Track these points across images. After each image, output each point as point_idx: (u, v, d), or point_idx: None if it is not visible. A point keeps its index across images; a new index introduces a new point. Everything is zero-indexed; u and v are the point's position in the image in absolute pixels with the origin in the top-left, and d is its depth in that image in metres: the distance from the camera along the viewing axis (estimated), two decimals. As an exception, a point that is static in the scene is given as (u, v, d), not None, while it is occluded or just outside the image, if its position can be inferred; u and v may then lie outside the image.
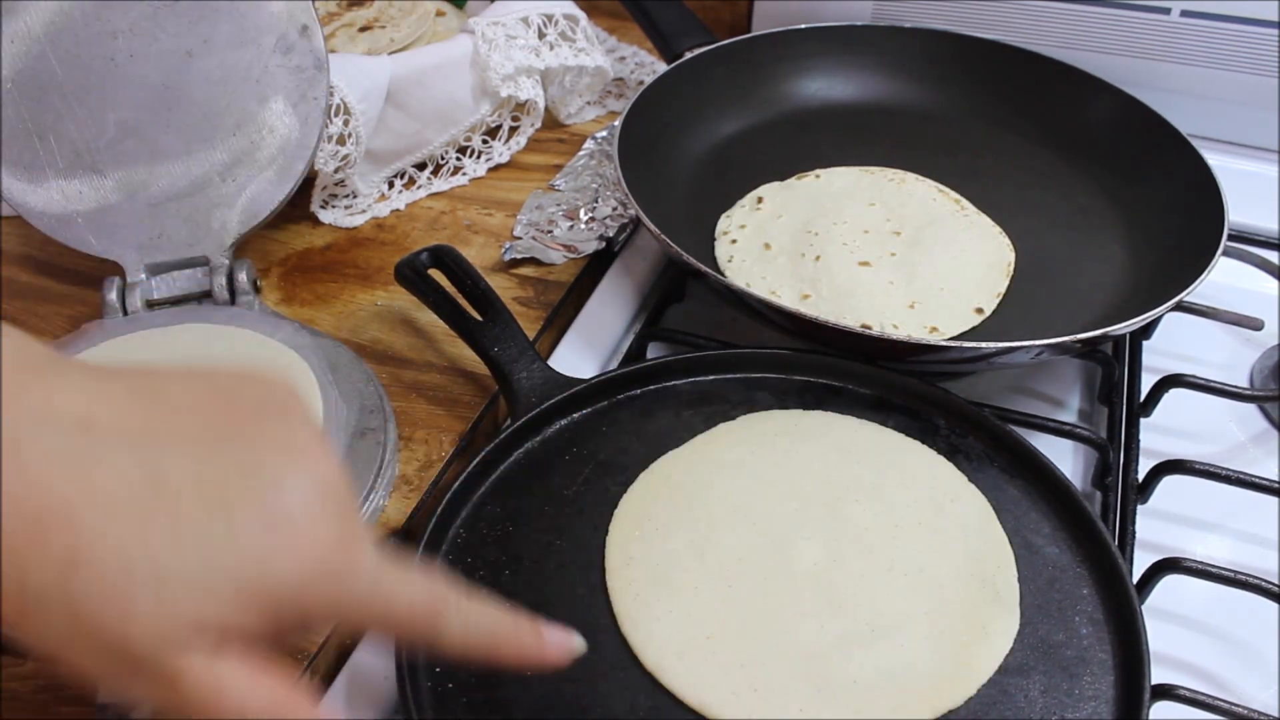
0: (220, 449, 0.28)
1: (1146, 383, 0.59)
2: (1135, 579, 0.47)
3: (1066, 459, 0.57)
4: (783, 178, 0.71)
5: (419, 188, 0.76)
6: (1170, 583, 0.48)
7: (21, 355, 0.27)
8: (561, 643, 0.35)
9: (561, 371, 0.55)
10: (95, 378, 0.28)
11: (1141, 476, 0.54)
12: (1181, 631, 0.49)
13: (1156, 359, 0.63)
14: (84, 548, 0.25)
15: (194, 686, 0.27)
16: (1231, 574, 0.47)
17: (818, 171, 0.71)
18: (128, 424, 0.27)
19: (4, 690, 0.45)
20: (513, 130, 0.79)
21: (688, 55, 0.76)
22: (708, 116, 0.75)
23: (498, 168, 0.78)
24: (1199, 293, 0.55)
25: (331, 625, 0.31)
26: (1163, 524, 0.53)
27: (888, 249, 0.63)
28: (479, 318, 0.57)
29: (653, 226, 0.59)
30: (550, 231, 0.70)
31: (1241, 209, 0.63)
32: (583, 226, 0.70)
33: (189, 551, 0.26)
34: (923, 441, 0.52)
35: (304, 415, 0.31)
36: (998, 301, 0.61)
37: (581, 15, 0.78)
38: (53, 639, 0.26)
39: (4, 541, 0.25)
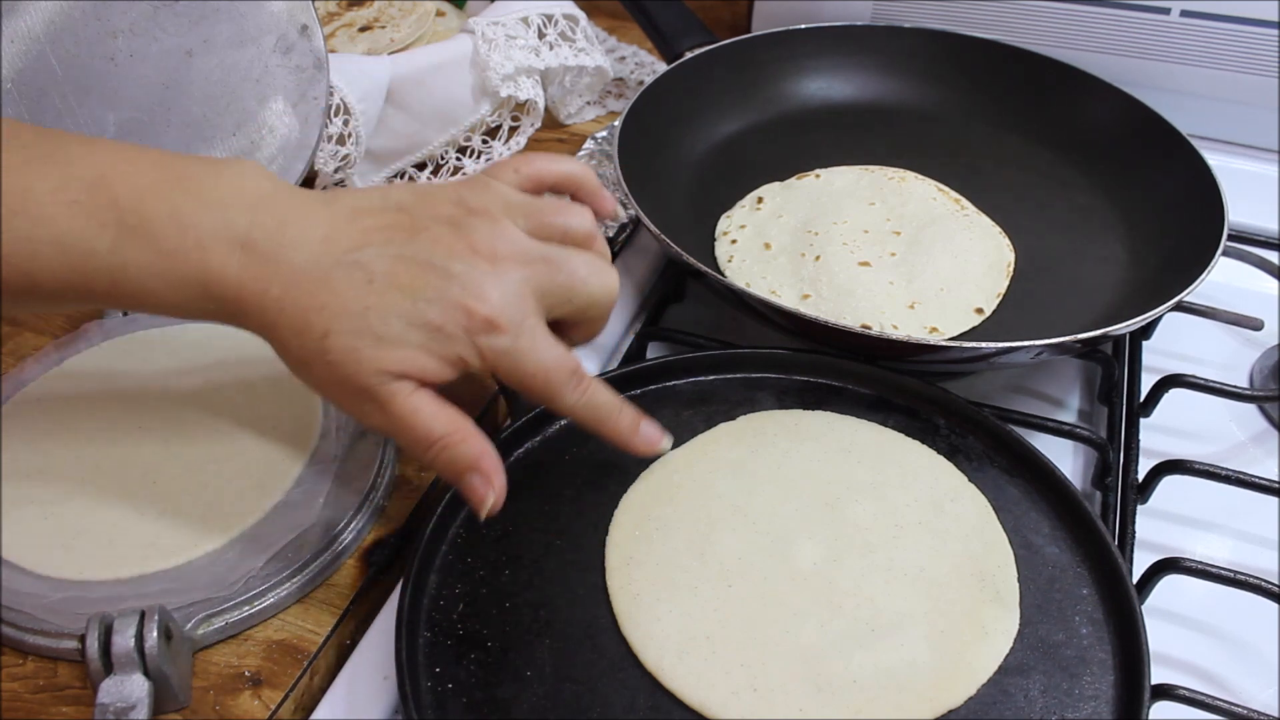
0: (409, 252, 0.39)
1: (1146, 383, 0.59)
2: (1135, 579, 0.47)
3: (1066, 459, 0.57)
4: (783, 178, 0.71)
5: (419, 188, 0.76)
6: (1170, 583, 0.48)
7: (281, 198, 0.40)
8: (650, 437, 0.45)
9: (561, 371, 0.55)
10: (328, 206, 0.41)
11: (1141, 476, 0.54)
12: (1181, 631, 0.49)
13: (1156, 359, 0.63)
14: (331, 326, 0.39)
15: (400, 407, 0.39)
16: (1231, 574, 0.47)
17: (818, 171, 0.71)
18: (348, 240, 0.39)
19: (4, 690, 0.45)
20: (513, 130, 0.79)
21: (688, 55, 0.76)
22: (708, 116, 0.75)
23: (498, 168, 0.78)
24: (1199, 293, 0.55)
25: (487, 371, 0.40)
26: (1163, 524, 0.53)
27: (888, 249, 0.63)
28: (479, 318, 0.57)
29: (653, 226, 0.59)
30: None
31: (1241, 209, 0.63)
32: (583, 226, 0.70)
33: (393, 324, 0.38)
34: (923, 441, 0.52)
35: (478, 216, 0.41)
36: (998, 301, 0.61)
37: (581, 15, 0.78)
38: (316, 380, 0.40)
39: (286, 323, 0.39)
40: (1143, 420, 0.58)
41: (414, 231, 0.40)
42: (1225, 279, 0.60)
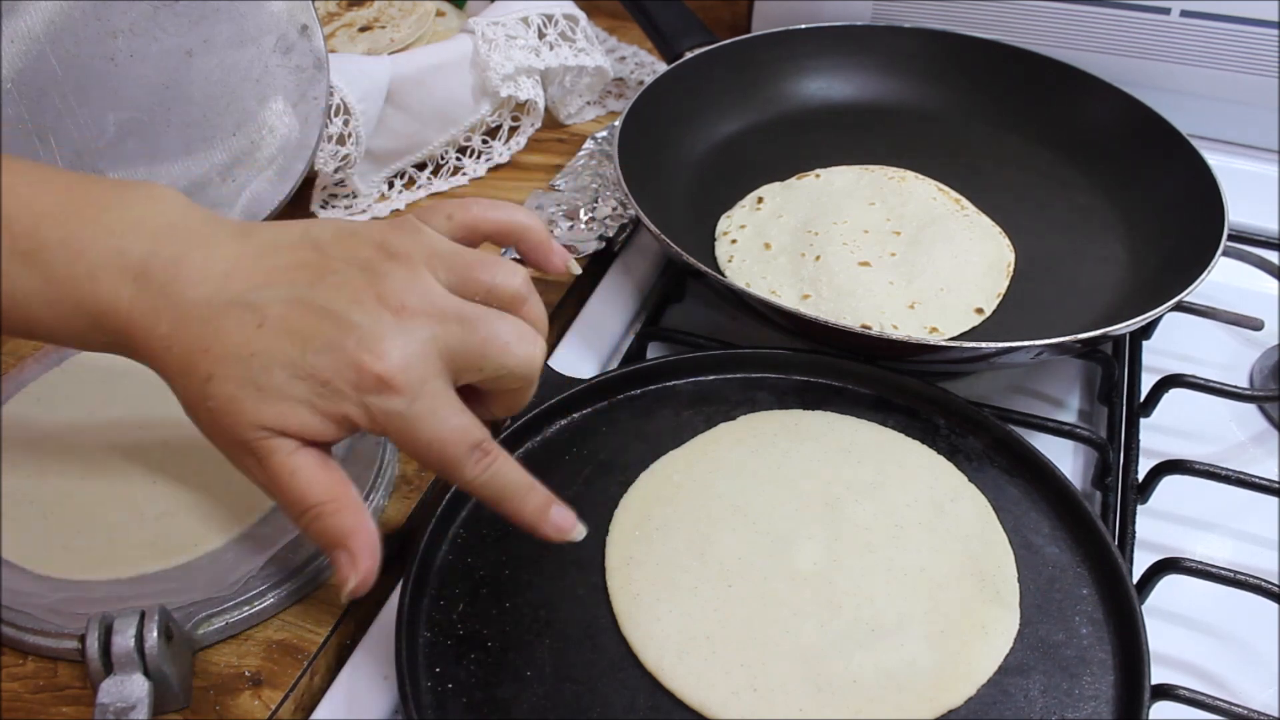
0: (309, 296, 0.37)
1: (1146, 383, 0.59)
2: (1135, 579, 0.47)
3: (1066, 459, 0.57)
4: (783, 178, 0.71)
5: (419, 188, 0.76)
6: (1170, 583, 0.48)
7: (191, 228, 0.39)
8: (560, 524, 0.40)
9: (561, 371, 0.55)
10: (240, 240, 0.39)
11: (1141, 476, 0.54)
12: (1181, 631, 0.49)
13: (1156, 359, 0.63)
14: (214, 370, 0.36)
15: (276, 467, 0.37)
16: (1231, 574, 0.46)
17: (818, 171, 0.71)
18: (249, 278, 0.37)
19: (4, 690, 0.45)
20: (513, 130, 0.79)
21: (688, 55, 0.76)
22: (708, 116, 0.75)
23: (498, 168, 0.78)
24: (1199, 293, 0.55)
25: (379, 432, 0.37)
26: (1163, 524, 0.53)
27: (888, 249, 0.63)
28: (479, 318, 0.57)
29: (653, 226, 0.59)
30: (550, 231, 0.70)
31: (1241, 209, 0.63)
32: (583, 226, 0.70)
33: (276, 375, 0.36)
34: (923, 441, 0.52)
35: (390, 264, 0.38)
36: (998, 301, 0.61)
37: (581, 15, 0.78)
38: (200, 425, 0.38)
39: (173, 362, 0.37)
40: (1143, 420, 0.58)
41: (321, 273, 0.37)
42: (1225, 279, 0.60)
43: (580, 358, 0.62)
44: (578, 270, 0.44)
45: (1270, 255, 0.64)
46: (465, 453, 0.37)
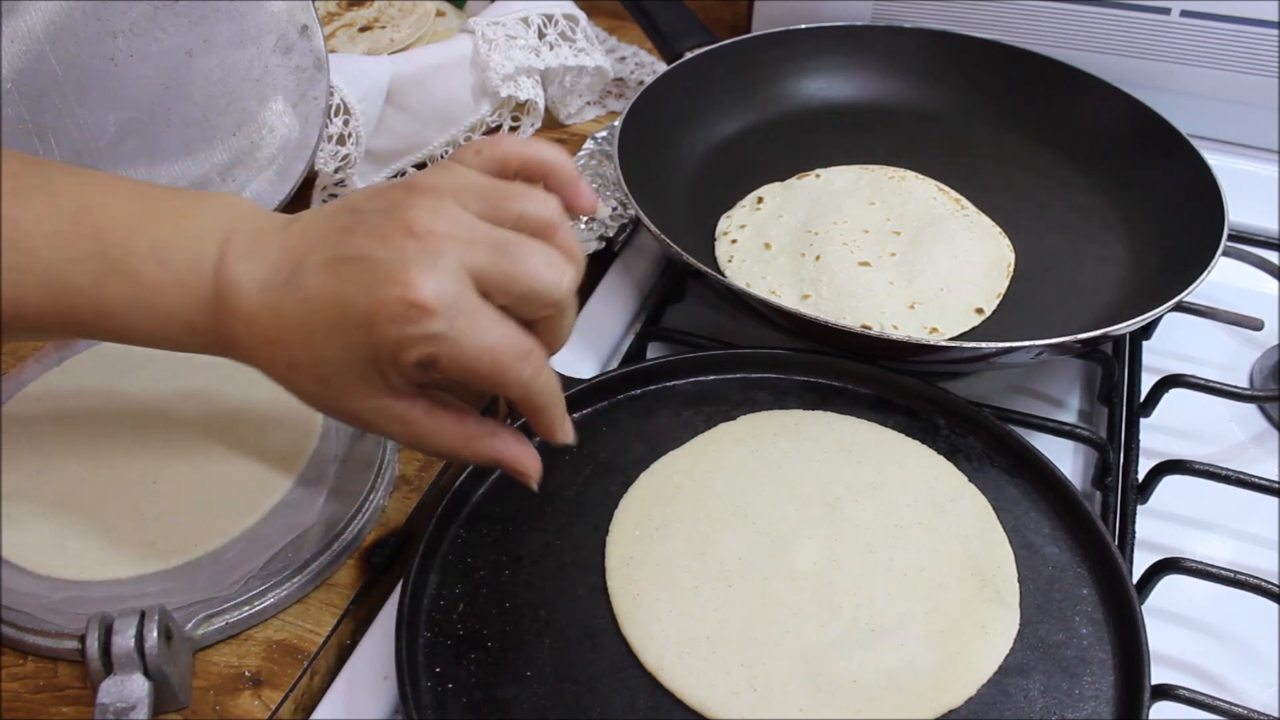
0: (341, 251, 0.37)
1: (1146, 383, 0.59)
2: (1135, 579, 0.47)
3: (1066, 459, 0.57)
4: (783, 178, 0.71)
5: (419, 188, 0.76)
6: (1170, 583, 0.48)
7: (249, 228, 0.39)
8: (569, 429, 0.41)
9: (561, 371, 0.55)
10: (286, 228, 0.39)
11: (1141, 476, 0.54)
12: (1181, 631, 0.49)
13: (1156, 359, 0.63)
14: (293, 358, 0.38)
15: (394, 434, 0.39)
16: (1231, 574, 0.47)
17: (818, 171, 0.71)
18: (293, 258, 0.38)
19: (4, 690, 0.45)
20: (513, 130, 0.79)
21: (688, 55, 0.76)
22: (708, 116, 0.75)
23: (498, 168, 0.78)
24: (1199, 293, 0.55)
25: (434, 361, 0.36)
26: (1163, 524, 0.53)
27: (888, 249, 0.63)
28: (479, 318, 0.57)
29: (653, 227, 0.59)
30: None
31: (1241, 209, 0.63)
32: (582, 226, 0.70)
33: (333, 361, 0.37)
34: (923, 441, 0.52)
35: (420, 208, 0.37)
36: (998, 301, 0.61)
37: (581, 15, 0.78)
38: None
39: (259, 359, 0.39)
40: (1143, 420, 0.58)
41: (352, 227, 0.37)
42: (1225, 279, 0.60)
43: (580, 358, 0.62)
44: (605, 211, 0.42)
45: (1270, 255, 0.64)
46: (516, 358, 0.37)
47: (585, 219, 0.71)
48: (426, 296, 0.35)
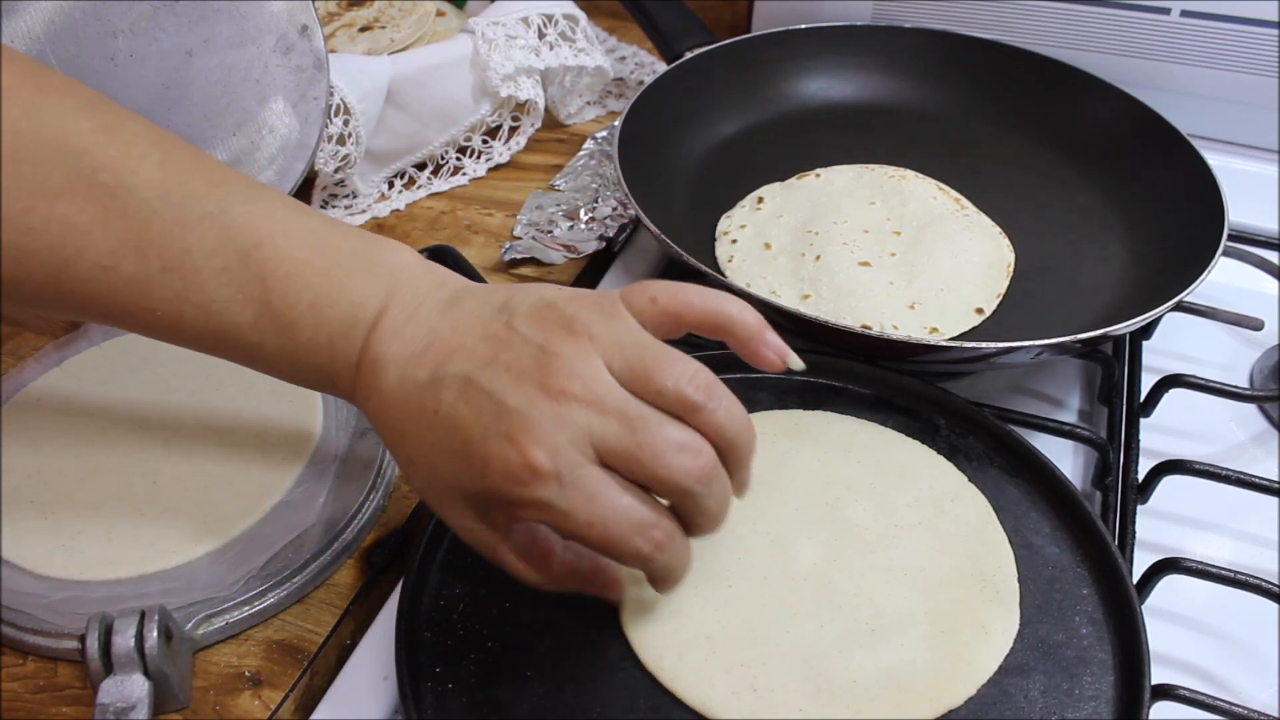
0: (480, 377, 0.36)
1: (1146, 383, 0.59)
2: (1135, 579, 0.47)
3: (1066, 459, 0.57)
4: (783, 178, 0.71)
5: (419, 188, 0.76)
6: (1170, 583, 0.48)
7: (410, 300, 0.39)
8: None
9: (561, 371, 0.55)
10: (441, 312, 0.39)
11: (1141, 476, 0.54)
12: (1181, 631, 0.49)
13: (1156, 359, 0.63)
14: (411, 455, 0.38)
15: (492, 557, 0.39)
16: (1231, 574, 0.46)
17: (818, 171, 0.71)
18: (438, 355, 0.37)
19: (4, 690, 0.45)
20: (513, 130, 0.79)
21: (688, 55, 0.76)
22: (708, 116, 0.75)
23: (498, 168, 0.78)
24: (1199, 293, 0.55)
25: (543, 520, 0.36)
26: (1163, 524, 0.53)
27: (888, 249, 0.63)
28: (479, 318, 0.57)
29: (653, 227, 0.59)
30: (550, 231, 0.70)
31: (1241, 209, 0.63)
32: (583, 226, 0.70)
33: (445, 485, 0.37)
34: (923, 441, 0.52)
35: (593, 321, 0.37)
36: (998, 301, 0.61)
37: (581, 15, 0.78)
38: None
39: (385, 436, 0.39)
40: (1143, 420, 0.58)
41: (498, 350, 0.36)
42: (1225, 279, 0.60)
43: (580, 358, 0.62)
44: (799, 366, 0.40)
45: (1270, 255, 0.64)
46: (632, 532, 0.36)
47: (586, 218, 0.71)
48: (541, 463, 0.34)
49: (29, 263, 0.38)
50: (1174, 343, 0.64)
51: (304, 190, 0.68)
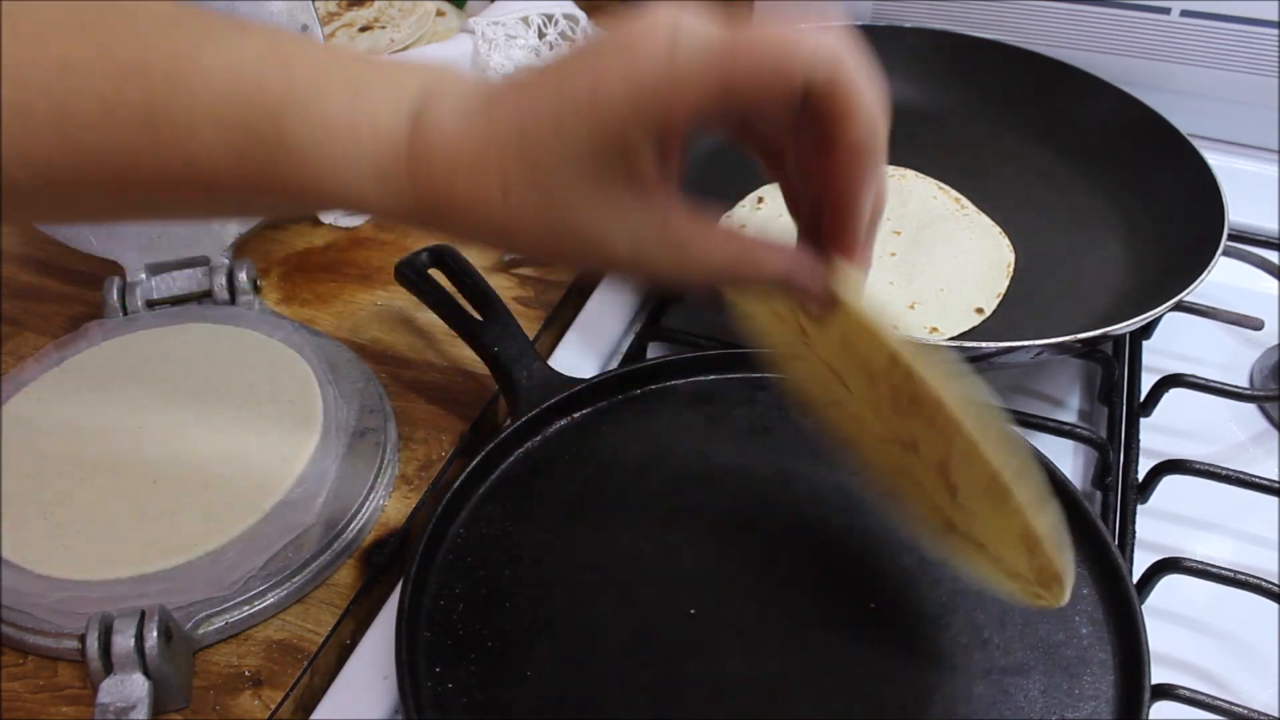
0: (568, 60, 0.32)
1: (1146, 383, 0.59)
2: (1135, 579, 0.47)
3: (1066, 459, 0.57)
4: (783, 178, 0.70)
5: (419, 188, 0.76)
6: (1170, 583, 0.48)
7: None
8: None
9: (561, 371, 0.55)
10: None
11: (1141, 476, 0.54)
12: (1181, 631, 0.49)
13: (1156, 359, 0.63)
14: (508, 182, 0.32)
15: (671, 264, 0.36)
16: (1231, 574, 0.46)
17: (818, 171, 0.71)
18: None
19: (4, 690, 0.45)
20: (513, 130, 0.79)
21: (688, 55, 0.76)
22: (708, 116, 0.75)
23: (498, 168, 0.78)
24: (1199, 293, 0.55)
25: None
26: (1163, 524, 0.53)
27: (888, 249, 0.63)
28: (479, 317, 0.57)
29: (653, 226, 0.59)
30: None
31: (1241, 209, 0.63)
32: (583, 226, 0.70)
33: (554, 149, 0.32)
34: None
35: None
36: (998, 301, 0.61)
37: (582, 15, 0.78)
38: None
39: (461, 194, 0.33)
40: (1143, 420, 0.58)
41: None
42: (1225, 279, 0.60)
43: (580, 357, 0.62)
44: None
45: (1270, 255, 0.64)
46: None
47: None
48: (674, 17, 0.30)
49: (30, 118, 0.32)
50: (1174, 342, 0.64)
51: (304, 190, 0.68)
